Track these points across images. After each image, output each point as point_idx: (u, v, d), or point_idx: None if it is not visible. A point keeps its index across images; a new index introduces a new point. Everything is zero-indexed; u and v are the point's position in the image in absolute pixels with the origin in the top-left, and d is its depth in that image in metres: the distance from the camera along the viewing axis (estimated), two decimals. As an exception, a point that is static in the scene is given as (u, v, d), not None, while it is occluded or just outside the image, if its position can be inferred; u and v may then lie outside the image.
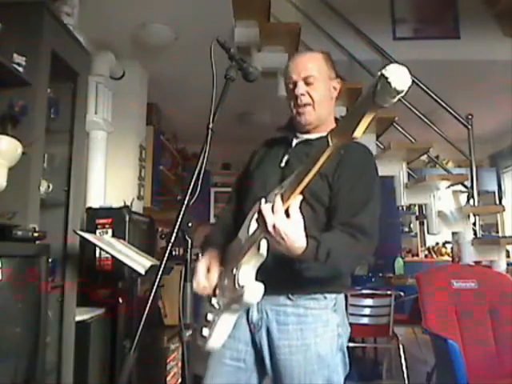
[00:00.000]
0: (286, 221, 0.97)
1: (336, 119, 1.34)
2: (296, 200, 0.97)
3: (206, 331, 1.16)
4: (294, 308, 1.18)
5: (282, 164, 1.28)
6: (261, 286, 1.06)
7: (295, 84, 1.27)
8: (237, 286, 1.09)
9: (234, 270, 1.11)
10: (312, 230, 1.06)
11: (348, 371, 1.22)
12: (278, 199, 0.97)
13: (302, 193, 0.97)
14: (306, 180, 0.91)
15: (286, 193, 0.97)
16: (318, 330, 1.17)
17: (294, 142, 1.32)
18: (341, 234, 1.12)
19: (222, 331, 1.14)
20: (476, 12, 3.82)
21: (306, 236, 1.00)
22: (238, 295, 1.07)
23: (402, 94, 0.74)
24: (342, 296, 1.25)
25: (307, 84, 1.26)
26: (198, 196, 1.02)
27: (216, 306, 1.17)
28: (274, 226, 0.97)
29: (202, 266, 1.21)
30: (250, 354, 1.23)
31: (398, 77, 0.72)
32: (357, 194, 1.17)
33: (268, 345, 1.20)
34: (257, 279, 1.11)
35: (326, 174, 1.18)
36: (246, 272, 1.10)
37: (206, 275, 1.20)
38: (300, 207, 0.99)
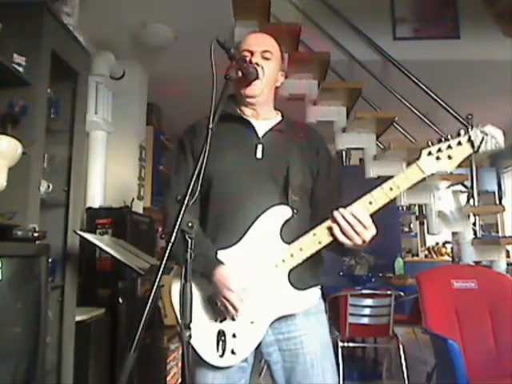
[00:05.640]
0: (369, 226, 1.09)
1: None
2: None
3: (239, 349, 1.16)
4: None
5: (259, 155, 1.26)
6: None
7: (252, 54, 1.27)
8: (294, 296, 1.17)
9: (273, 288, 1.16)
10: (310, 222, 1.19)
11: None
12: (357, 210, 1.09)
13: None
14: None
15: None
16: (319, 317, 1.26)
17: (260, 129, 1.29)
18: None
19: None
20: (476, 12, 3.82)
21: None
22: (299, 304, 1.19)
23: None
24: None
25: (263, 58, 1.28)
26: (198, 196, 1.01)
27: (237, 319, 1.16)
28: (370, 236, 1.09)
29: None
30: (252, 354, 1.21)
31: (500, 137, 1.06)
32: (334, 178, 1.33)
33: (277, 339, 1.22)
34: None
35: (309, 165, 1.28)
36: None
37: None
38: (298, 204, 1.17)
